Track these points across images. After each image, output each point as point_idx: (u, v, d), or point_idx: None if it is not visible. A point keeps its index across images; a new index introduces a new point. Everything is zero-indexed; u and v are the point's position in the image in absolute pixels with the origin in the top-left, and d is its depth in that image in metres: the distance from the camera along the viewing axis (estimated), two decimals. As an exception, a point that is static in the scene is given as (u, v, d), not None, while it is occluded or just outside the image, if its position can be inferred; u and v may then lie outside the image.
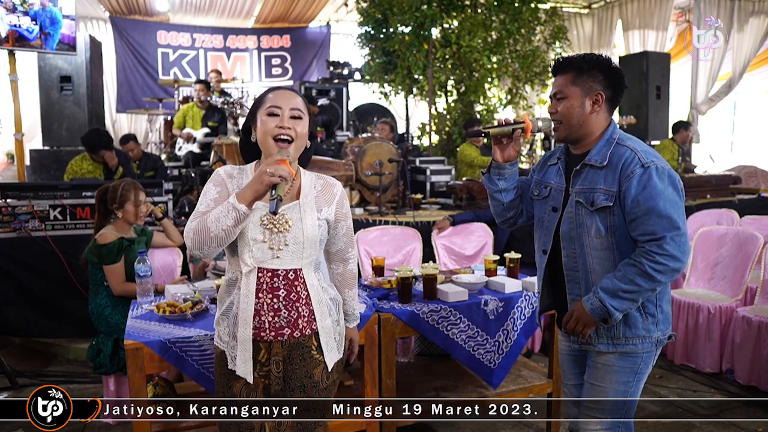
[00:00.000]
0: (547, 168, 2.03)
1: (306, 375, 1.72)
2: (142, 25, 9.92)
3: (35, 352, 4.03)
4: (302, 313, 1.70)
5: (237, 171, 1.75)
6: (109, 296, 2.97)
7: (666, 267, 1.71)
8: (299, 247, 1.68)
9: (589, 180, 1.84)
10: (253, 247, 1.64)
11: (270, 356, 1.70)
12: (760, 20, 8.69)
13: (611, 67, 1.85)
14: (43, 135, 5.94)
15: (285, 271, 1.67)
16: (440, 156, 7.13)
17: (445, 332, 2.66)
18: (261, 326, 1.67)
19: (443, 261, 4.07)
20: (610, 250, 1.81)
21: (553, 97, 1.89)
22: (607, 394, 1.86)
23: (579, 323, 1.82)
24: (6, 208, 3.82)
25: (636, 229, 1.75)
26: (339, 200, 1.80)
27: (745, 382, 3.40)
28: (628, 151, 1.79)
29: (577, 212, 1.85)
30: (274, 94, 1.72)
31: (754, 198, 6.19)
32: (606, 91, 1.84)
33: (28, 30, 4.99)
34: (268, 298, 1.67)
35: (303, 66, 10.68)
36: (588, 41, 10.38)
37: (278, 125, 1.66)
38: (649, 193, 1.72)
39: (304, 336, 1.71)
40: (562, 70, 1.88)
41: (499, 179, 2.04)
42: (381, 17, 7.98)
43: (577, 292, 1.88)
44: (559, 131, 1.89)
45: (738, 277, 3.76)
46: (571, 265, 1.88)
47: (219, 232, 1.56)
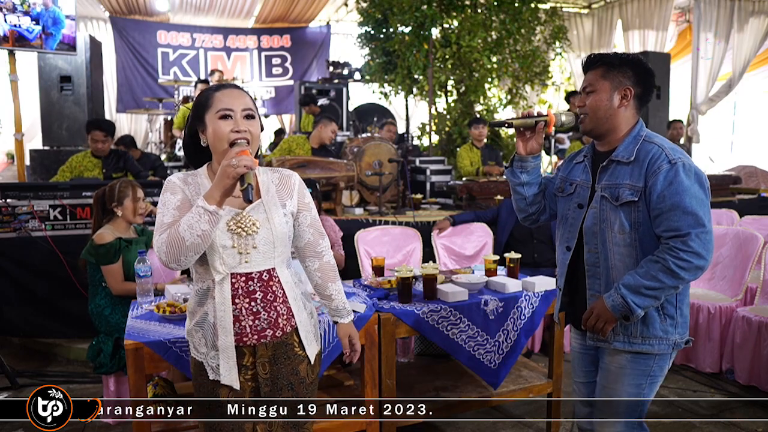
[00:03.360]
0: (573, 166, 2.02)
1: (292, 372, 1.71)
2: (142, 25, 9.92)
3: (35, 352, 4.03)
4: (281, 312, 1.68)
5: (190, 177, 1.68)
6: (108, 296, 2.97)
7: (690, 264, 1.69)
8: (270, 246, 1.64)
9: (615, 175, 1.83)
10: (223, 253, 1.60)
11: (255, 359, 1.68)
12: (760, 20, 8.69)
13: (642, 65, 1.86)
14: (43, 135, 5.94)
15: (259, 273, 1.64)
16: (440, 156, 7.13)
17: (445, 332, 2.66)
18: (242, 332, 1.64)
19: (443, 261, 4.07)
20: (633, 246, 1.80)
21: (583, 91, 1.89)
22: (619, 396, 1.85)
23: (599, 320, 1.80)
24: (6, 208, 3.81)
25: (660, 225, 1.74)
26: (299, 190, 1.75)
27: (745, 382, 3.40)
28: (656, 148, 1.79)
29: (602, 207, 1.84)
30: (222, 94, 1.62)
31: (754, 198, 6.19)
32: (635, 88, 1.85)
33: (28, 30, 4.99)
34: (246, 302, 1.63)
35: (303, 66, 10.68)
36: (588, 41, 10.37)
37: (234, 129, 1.58)
38: (675, 189, 1.72)
39: (286, 334, 1.70)
40: (593, 65, 1.88)
41: (522, 172, 2.02)
42: (381, 17, 7.98)
43: (597, 289, 1.87)
44: (585, 123, 1.88)
45: (738, 277, 3.76)
46: (593, 260, 1.87)
47: (194, 239, 1.50)
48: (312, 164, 4.71)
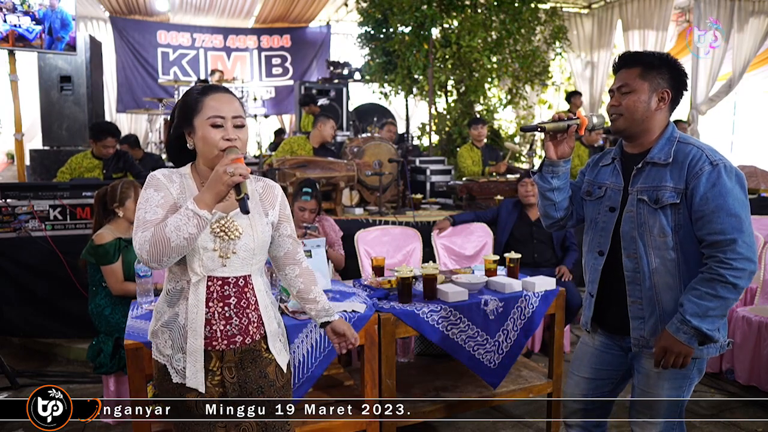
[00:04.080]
0: (599, 169, 1.98)
1: (260, 375, 1.68)
2: (142, 25, 9.92)
3: (35, 352, 4.03)
4: (252, 319, 1.67)
5: (176, 175, 1.65)
6: (108, 296, 2.97)
7: (744, 271, 1.67)
8: (249, 253, 1.64)
9: (653, 178, 1.80)
10: (203, 255, 1.58)
11: (222, 364, 1.65)
12: (760, 20, 8.69)
13: (679, 67, 1.83)
14: (43, 135, 5.94)
15: (235, 278, 1.63)
16: (440, 156, 7.13)
17: (445, 332, 2.66)
18: (212, 335, 1.62)
19: (443, 261, 4.07)
20: (675, 249, 1.77)
21: (617, 90, 1.83)
22: (660, 401, 1.83)
23: (679, 356, 1.72)
24: (6, 208, 3.81)
25: (703, 228, 1.72)
26: (281, 201, 1.76)
27: (745, 382, 3.40)
28: (695, 149, 1.76)
29: (639, 211, 1.81)
30: (213, 99, 1.59)
31: (754, 198, 6.20)
32: (672, 90, 1.82)
33: (28, 30, 4.99)
34: (219, 306, 1.62)
35: (303, 66, 10.68)
36: (588, 41, 10.37)
37: (225, 137, 1.56)
38: (719, 191, 1.69)
39: (254, 341, 1.68)
40: (628, 65, 1.84)
41: (553, 177, 1.97)
42: (381, 17, 7.98)
43: (638, 295, 1.83)
44: (618, 123, 1.83)
45: (738, 277, 3.76)
46: (632, 266, 1.82)
47: (180, 241, 1.48)
48: (312, 164, 4.71)
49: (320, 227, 3.49)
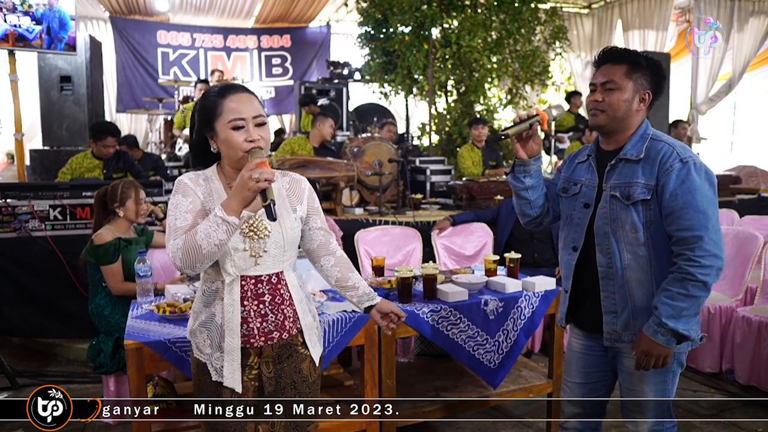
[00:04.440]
0: (575, 166, 2.01)
1: (295, 371, 1.72)
2: (142, 25, 9.92)
3: (35, 352, 4.03)
4: (287, 315, 1.69)
5: (202, 178, 1.66)
6: (108, 296, 2.97)
7: (712, 268, 1.70)
8: (280, 251, 1.66)
9: (625, 174, 1.83)
10: (234, 256, 1.60)
11: (260, 359, 1.69)
12: (760, 20, 8.69)
13: (662, 70, 1.87)
14: (43, 135, 5.94)
15: (268, 276, 1.66)
16: (440, 156, 7.13)
17: (445, 332, 2.66)
18: (250, 333, 1.65)
19: (443, 261, 4.07)
20: (645, 245, 1.80)
21: (601, 85, 1.85)
22: (647, 396, 1.86)
23: (659, 358, 1.77)
24: (6, 208, 3.81)
25: (672, 224, 1.75)
26: (309, 195, 1.77)
27: (745, 382, 3.40)
28: (666, 146, 1.80)
29: (612, 207, 1.84)
30: (231, 101, 1.58)
31: (754, 198, 6.19)
32: (652, 92, 1.85)
33: (28, 30, 4.99)
34: (254, 304, 1.64)
35: (303, 66, 10.68)
36: (588, 41, 10.37)
37: (247, 139, 1.56)
38: (688, 188, 1.73)
39: (291, 336, 1.71)
40: (613, 60, 1.85)
41: (525, 176, 2.00)
42: (381, 17, 7.98)
43: (611, 290, 1.86)
44: (599, 118, 1.86)
45: (738, 277, 3.76)
46: (605, 261, 1.85)
47: (212, 248, 1.50)
48: (312, 164, 4.71)
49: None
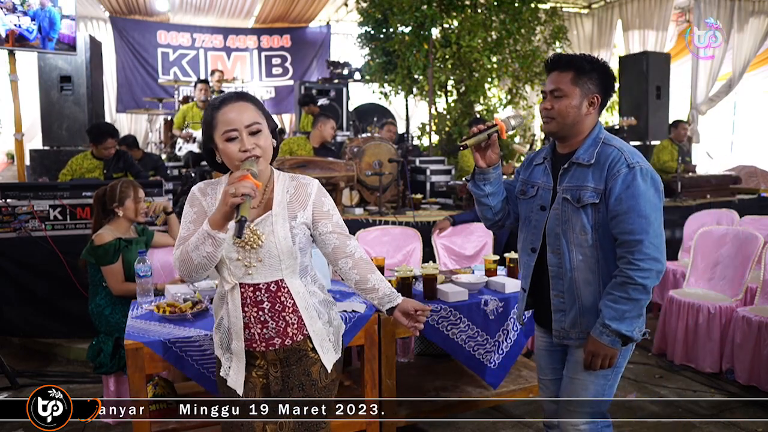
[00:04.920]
0: (533, 168, 2.06)
1: (304, 373, 1.71)
2: (142, 25, 9.92)
3: (35, 352, 4.03)
4: (290, 321, 1.67)
5: (210, 187, 1.69)
6: (108, 296, 2.97)
7: (651, 271, 1.76)
8: (275, 260, 1.63)
9: (576, 178, 1.88)
10: (230, 265, 1.63)
11: (267, 362, 1.71)
12: (760, 20, 8.69)
13: (609, 72, 1.90)
14: (43, 135, 5.94)
15: (266, 284, 1.64)
16: (440, 156, 7.13)
17: (445, 332, 2.66)
18: (252, 338, 1.67)
19: (443, 261, 4.07)
20: (594, 247, 1.85)
21: (550, 93, 1.90)
22: (587, 387, 1.91)
23: (605, 358, 1.84)
24: (6, 208, 3.82)
25: (616, 227, 1.81)
26: (315, 199, 1.70)
27: (745, 382, 3.40)
28: (615, 151, 1.84)
29: (564, 209, 1.89)
30: (224, 112, 1.59)
31: (754, 198, 6.19)
32: (601, 95, 1.89)
33: (28, 30, 4.99)
34: (254, 311, 1.65)
35: (303, 66, 10.68)
36: (588, 41, 10.38)
37: (241, 149, 1.57)
38: (632, 193, 1.77)
39: (297, 342, 1.69)
40: (560, 67, 1.89)
41: (485, 184, 2.06)
42: (381, 17, 7.98)
43: (560, 289, 1.92)
44: (551, 126, 1.91)
45: (738, 277, 3.76)
46: (556, 261, 1.91)
47: (201, 260, 1.55)
48: (312, 164, 4.71)
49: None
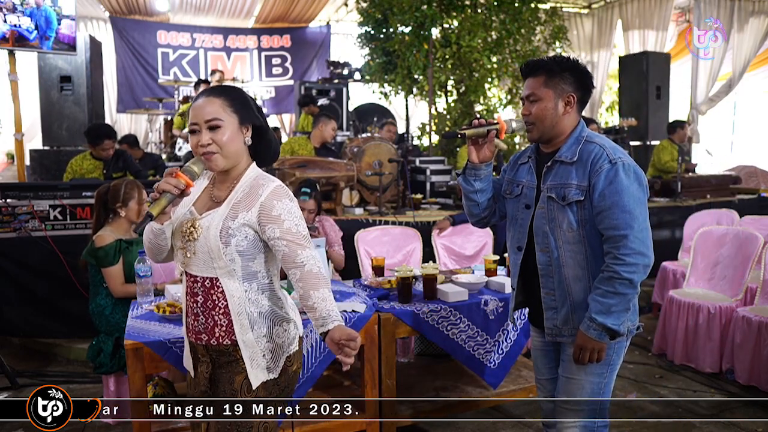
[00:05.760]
0: (518, 167, 2.07)
1: (228, 380, 1.65)
2: (142, 25, 9.92)
3: (35, 352, 4.03)
4: (219, 322, 1.64)
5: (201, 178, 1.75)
6: (109, 296, 2.96)
7: (637, 266, 1.77)
8: (207, 257, 1.61)
9: (560, 176, 1.89)
10: (177, 252, 1.69)
11: (200, 358, 1.70)
12: (760, 20, 8.69)
13: (580, 69, 1.92)
14: (43, 135, 5.94)
15: (202, 278, 1.64)
16: (440, 156, 7.13)
17: (445, 332, 2.66)
18: (188, 327, 1.72)
19: (443, 261, 4.07)
20: (581, 243, 1.87)
21: (526, 99, 1.93)
22: (582, 386, 1.91)
23: (593, 352, 1.84)
24: (6, 208, 3.81)
25: (601, 223, 1.82)
26: (265, 201, 1.60)
27: (745, 382, 3.40)
28: (597, 148, 1.86)
29: (549, 207, 1.90)
30: (193, 107, 1.63)
31: (754, 198, 6.19)
32: (577, 93, 1.91)
33: (28, 30, 4.99)
34: (191, 301, 1.68)
35: (303, 66, 10.68)
36: (588, 41, 10.37)
37: (198, 143, 1.60)
38: (615, 188, 1.79)
39: (223, 345, 1.65)
40: (532, 72, 1.92)
41: (475, 180, 2.08)
42: (381, 17, 7.98)
43: (551, 287, 1.93)
44: (533, 132, 1.94)
45: (738, 277, 3.76)
46: (545, 260, 1.92)
47: (148, 243, 1.69)
48: (312, 164, 4.71)
49: (320, 227, 3.49)
